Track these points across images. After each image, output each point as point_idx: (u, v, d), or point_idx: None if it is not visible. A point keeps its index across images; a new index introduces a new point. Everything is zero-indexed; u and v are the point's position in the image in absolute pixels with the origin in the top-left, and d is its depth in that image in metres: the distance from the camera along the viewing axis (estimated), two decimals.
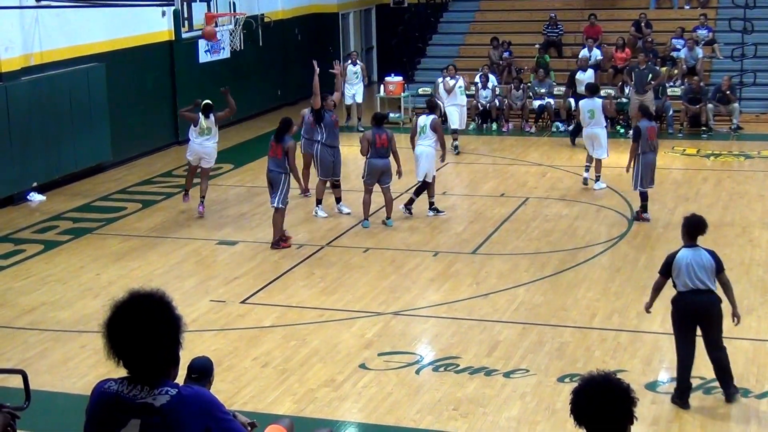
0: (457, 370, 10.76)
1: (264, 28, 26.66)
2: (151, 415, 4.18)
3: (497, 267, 14.35)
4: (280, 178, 15.08)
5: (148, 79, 22.51)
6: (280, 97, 28.06)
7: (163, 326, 4.20)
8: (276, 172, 15.11)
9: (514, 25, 29.07)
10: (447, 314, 12.56)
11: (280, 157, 15.06)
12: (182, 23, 22.68)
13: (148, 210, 17.94)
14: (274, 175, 15.13)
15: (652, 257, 14.51)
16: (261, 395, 10.29)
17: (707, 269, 9.71)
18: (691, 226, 10.06)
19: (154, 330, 4.17)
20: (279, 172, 15.09)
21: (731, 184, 18.74)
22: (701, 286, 9.68)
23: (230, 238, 15.99)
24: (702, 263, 9.74)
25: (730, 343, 11.24)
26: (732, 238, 15.38)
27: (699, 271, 9.69)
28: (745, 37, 25.58)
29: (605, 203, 17.44)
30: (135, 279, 13.93)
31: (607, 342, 11.45)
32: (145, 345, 4.16)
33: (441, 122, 16.84)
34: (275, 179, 15.12)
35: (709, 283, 9.70)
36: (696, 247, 9.91)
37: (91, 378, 10.32)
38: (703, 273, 9.70)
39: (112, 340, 4.19)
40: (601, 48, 26.49)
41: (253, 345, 11.66)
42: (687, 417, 9.54)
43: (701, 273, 9.69)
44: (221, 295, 13.44)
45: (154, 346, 4.17)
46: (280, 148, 15.06)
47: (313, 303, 13.07)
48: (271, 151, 15.22)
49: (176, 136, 23.54)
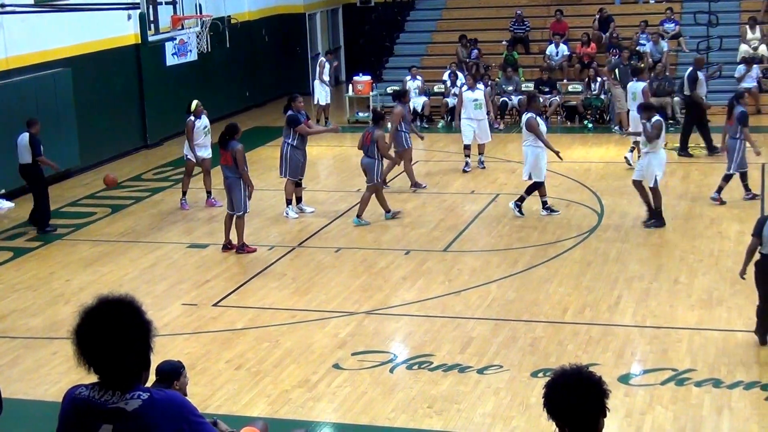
0: (431, 368, 10.78)
1: (231, 29, 26.58)
2: (123, 420, 4.17)
3: (469, 264, 14.39)
4: (239, 184, 14.99)
5: (115, 83, 22.40)
6: (249, 98, 28.02)
7: (133, 331, 4.18)
8: (233, 178, 14.98)
9: (480, 22, 29.15)
10: (420, 312, 12.57)
11: (231, 164, 14.94)
12: (148, 26, 22.55)
13: (118, 215, 17.86)
14: (230, 182, 15.01)
15: (623, 251, 14.61)
16: (235, 397, 10.27)
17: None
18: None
19: (124, 335, 4.15)
20: (237, 178, 15.00)
21: (699, 177, 18.86)
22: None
23: (201, 242, 15.94)
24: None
25: (699, 334, 11.38)
26: (701, 229, 15.48)
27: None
28: (710, 30, 25.74)
29: (575, 198, 17.51)
30: (106, 284, 13.85)
31: (580, 336, 11.50)
32: (116, 350, 4.14)
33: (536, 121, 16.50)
34: (233, 185, 15.02)
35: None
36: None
37: (63, 385, 10.25)
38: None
39: (82, 347, 4.17)
40: (567, 44, 26.64)
41: (226, 347, 11.63)
42: (659, 408, 9.60)
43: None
44: (193, 298, 13.40)
45: (125, 352, 4.15)
46: (228, 155, 14.91)
47: (286, 304, 13.05)
48: (221, 158, 15.08)
49: (144, 140, 23.46)
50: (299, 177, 17.12)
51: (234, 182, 14.95)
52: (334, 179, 20.07)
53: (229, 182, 15.00)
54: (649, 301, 12.53)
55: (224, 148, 14.93)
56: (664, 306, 12.35)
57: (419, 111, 24.80)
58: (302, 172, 17.19)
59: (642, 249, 14.67)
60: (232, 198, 15.01)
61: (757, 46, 25.80)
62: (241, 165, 14.84)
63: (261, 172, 19.64)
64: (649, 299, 12.58)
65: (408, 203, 17.63)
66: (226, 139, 14.96)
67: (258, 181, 18.10)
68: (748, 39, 25.92)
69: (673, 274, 13.49)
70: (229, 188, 15.04)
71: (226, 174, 15.02)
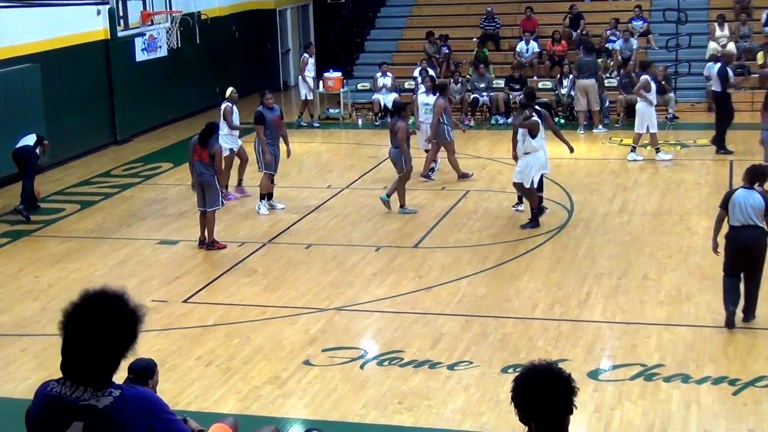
0: (402, 364, 10.80)
1: (201, 25, 26.50)
2: (94, 416, 4.14)
3: (439, 260, 14.41)
4: (213, 180, 14.96)
5: (84, 79, 22.26)
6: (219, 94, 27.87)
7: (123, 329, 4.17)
8: (207, 174, 14.97)
9: (451, 19, 29.20)
10: (390, 308, 12.59)
11: (207, 161, 14.92)
12: (117, 22, 22.47)
13: (87, 211, 17.76)
14: (206, 178, 14.98)
15: (592, 246, 14.68)
16: (205, 394, 10.25)
17: (756, 209, 11.21)
18: (751, 172, 11.65)
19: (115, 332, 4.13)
20: (211, 174, 14.98)
21: (668, 173, 18.98)
22: (750, 222, 11.24)
23: (171, 238, 15.89)
24: (753, 203, 11.25)
25: (668, 330, 11.46)
26: (670, 226, 15.58)
27: (749, 209, 11.23)
28: (679, 27, 25.89)
29: (545, 194, 17.53)
30: (75, 281, 13.79)
31: (550, 332, 11.55)
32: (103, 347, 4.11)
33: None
34: (207, 182, 14.98)
35: (757, 221, 11.23)
36: (751, 190, 11.42)
37: (32, 381, 10.20)
38: (753, 212, 11.22)
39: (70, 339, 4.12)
40: (538, 41, 26.73)
41: (196, 344, 11.60)
42: (628, 404, 9.66)
43: (751, 211, 11.22)
44: (163, 295, 13.36)
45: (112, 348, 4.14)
46: (206, 152, 14.90)
47: (256, 300, 13.03)
48: (195, 155, 15.00)
49: (114, 135, 23.33)
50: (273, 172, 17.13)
51: (210, 179, 14.94)
52: (305, 175, 20.04)
53: (204, 179, 14.97)
54: (619, 297, 12.60)
55: (203, 146, 14.91)
56: (633, 302, 12.43)
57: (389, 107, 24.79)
58: (276, 168, 17.17)
59: (611, 245, 14.75)
60: (206, 193, 14.98)
61: (725, 43, 25.95)
62: (219, 164, 14.89)
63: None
64: (619, 295, 12.65)
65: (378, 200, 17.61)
66: (206, 137, 14.95)
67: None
68: (716, 36, 26.07)
69: (642, 270, 13.57)
70: (205, 185, 15.00)
71: (200, 170, 14.97)
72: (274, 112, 17.06)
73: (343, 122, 25.59)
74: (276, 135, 17.09)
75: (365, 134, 24.25)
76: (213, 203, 14.99)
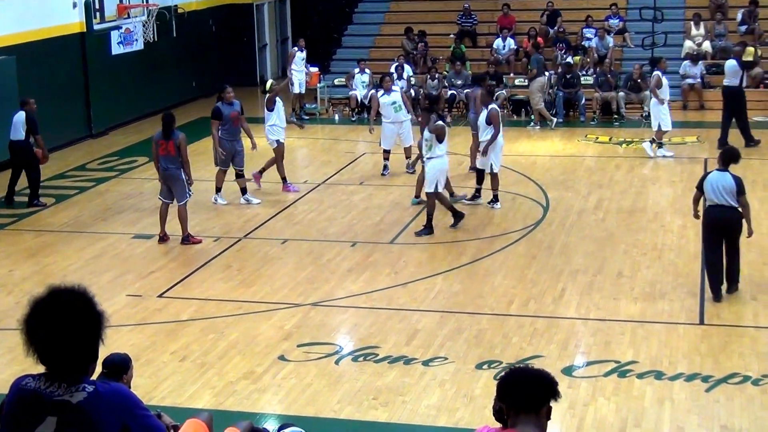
0: (377, 360, 10.81)
1: (178, 19, 26.42)
2: (68, 412, 4.15)
3: (415, 256, 14.43)
4: (179, 174, 14.92)
5: (59, 72, 22.14)
6: (196, 88, 27.83)
7: (84, 322, 4.14)
8: (173, 168, 14.89)
9: (428, 15, 29.26)
10: (366, 304, 12.60)
11: (174, 154, 14.83)
12: (94, 15, 22.38)
13: (62, 204, 17.68)
14: (172, 172, 14.91)
15: (567, 243, 14.74)
16: (180, 389, 10.22)
17: (728, 190, 11.93)
18: (724, 154, 12.48)
19: (75, 326, 4.11)
20: (177, 168, 14.91)
21: (643, 171, 19.08)
22: (724, 203, 11.98)
23: (146, 232, 15.82)
24: (725, 184, 11.97)
25: (642, 327, 11.52)
26: (644, 223, 15.65)
27: (722, 190, 11.95)
28: (655, 25, 26.01)
29: (520, 191, 17.62)
30: (49, 275, 13.73)
31: (524, 328, 11.58)
32: (66, 342, 4.10)
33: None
34: (174, 175, 14.93)
35: (731, 201, 11.96)
36: (724, 172, 12.12)
37: (5, 376, 10.15)
38: (726, 192, 11.94)
39: (32, 337, 4.13)
40: (514, 38, 26.80)
41: (171, 339, 11.57)
42: (602, 400, 9.70)
43: (724, 192, 11.95)
44: (138, 289, 13.32)
45: (75, 343, 4.12)
46: (171, 144, 14.82)
47: (231, 296, 13.01)
48: (161, 149, 14.88)
49: (89, 129, 23.23)
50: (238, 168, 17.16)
51: (176, 172, 14.87)
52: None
53: (170, 173, 14.91)
54: (593, 293, 12.65)
55: (167, 138, 14.83)
56: (607, 299, 12.48)
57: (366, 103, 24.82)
58: (238, 163, 17.16)
59: (586, 242, 14.80)
60: (174, 188, 14.93)
61: (701, 42, 26.12)
62: (184, 153, 14.79)
63: (207, 164, 19.49)
64: (593, 292, 12.70)
65: (354, 195, 17.64)
66: (168, 129, 14.88)
67: (204, 172, 18.03)
68: (692, 35, 26.24)
69: (616, 268, 13.63)
70: (171, 178, 14.94)
71: (165, 165, 14.90)
72: (233, 107, 16.99)
73: (319, 117, 25.58)
74: (235, 130, 17.04)
75: (342, 130, 24.26)
76: (182, 197, 14.94)
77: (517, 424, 4.38)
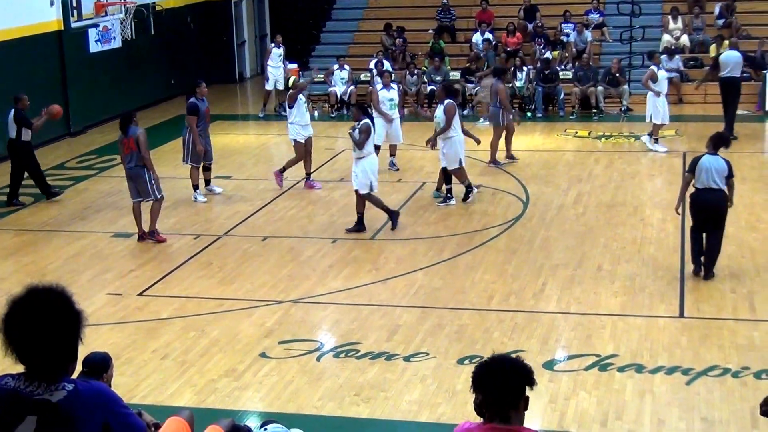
0: (358, 356, 10.81)
1: (156, 16, 26.33)
2: (47, 411, 4.14)
3: (396, 252, 14.43)
4: (142, 172, 14.85)
5: (37, 70, 22.01)
6: (174, 86, 27.73)
7: (62, 322, 4.13)
8: (135, 166, 14.83)
9: (407, 11, 29.24)
10: (347, 300, 12.59)
11: (135, 150, 14.76)
12: (71, 12, 22.26)
13: (41, 203, 17.60)
14: (135, 170, 14.84)
15: (547, 238, 14.77)
16: (161, 387, 10.20)
17: (720, 173, 12.33)
18: (715, 139, 12.73)
19: (53, 326, 4.10)
20: (140, 167, 14.83)
21: (622, 165, 19.12)
22: (714, 186, 12.36)
23: (126, 231, 15.76)
24: (717, 167, 12.38)
25: (623, 320, 11.56)
26: (624, 217, 15.70)
27: (714, 174, 12.33)
28: (633, 20, 26.08)
29: (500, 186, 17.65)
30: (29, 274, 13.67)
31: (505, 323, 11.60)
32: (44, 341, 4.09)
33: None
34: (135, 173, 14.86)
35: (720, 184, 12.37)
36: (716, 155, 12.49)
37: None
38: (717, 176, 12.33)
39: (10, 337, 4.12)
40: (493, 33, 26.83)
41: (151, 337, 11.54)
42: (583, 394, 9.73)
43: (715, 175, 12.34)
44: (118, 287, 13.28)
45: (53, 342, 4.11)
46: (132, 141, 14.76)
47: (212, 293, 12.98)
48: (125, 148, 14.85)
49: (68, 127, 23.11)
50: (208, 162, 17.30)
51: (139, 170, 14.82)
52: (261, 168, 19.95)
53: (133, 171, 14.86)
54: (574, 288, 12.69)
55: (126, 135, 14.79)
56: (588, 293, 12.52)
57: (346, 99, 24.84)
58: (209, 157, 17.31)
59: (566, 237, 14.84)
60: (139, 186, 14.88)
61: (679, 36, 26.21)
62: (144, 149, 14.71)
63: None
64: (574, 286, 12.74)
65: (335, 191, 17.62)
66: (127, 126, 14.83)
67: (183, 170, 17.96)
68: (670, 29, 26.33)
69: (596, 262, 13.67)
70: (135, 176, 14.88)
71: (128, 164, 14.87)
72: (205, 103, 17.07)
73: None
74: (206, 126, 17.19)
75: (321, 126, 24.15)
76: (147, 193, 14.90)
77: (496, 417, 4.39)
